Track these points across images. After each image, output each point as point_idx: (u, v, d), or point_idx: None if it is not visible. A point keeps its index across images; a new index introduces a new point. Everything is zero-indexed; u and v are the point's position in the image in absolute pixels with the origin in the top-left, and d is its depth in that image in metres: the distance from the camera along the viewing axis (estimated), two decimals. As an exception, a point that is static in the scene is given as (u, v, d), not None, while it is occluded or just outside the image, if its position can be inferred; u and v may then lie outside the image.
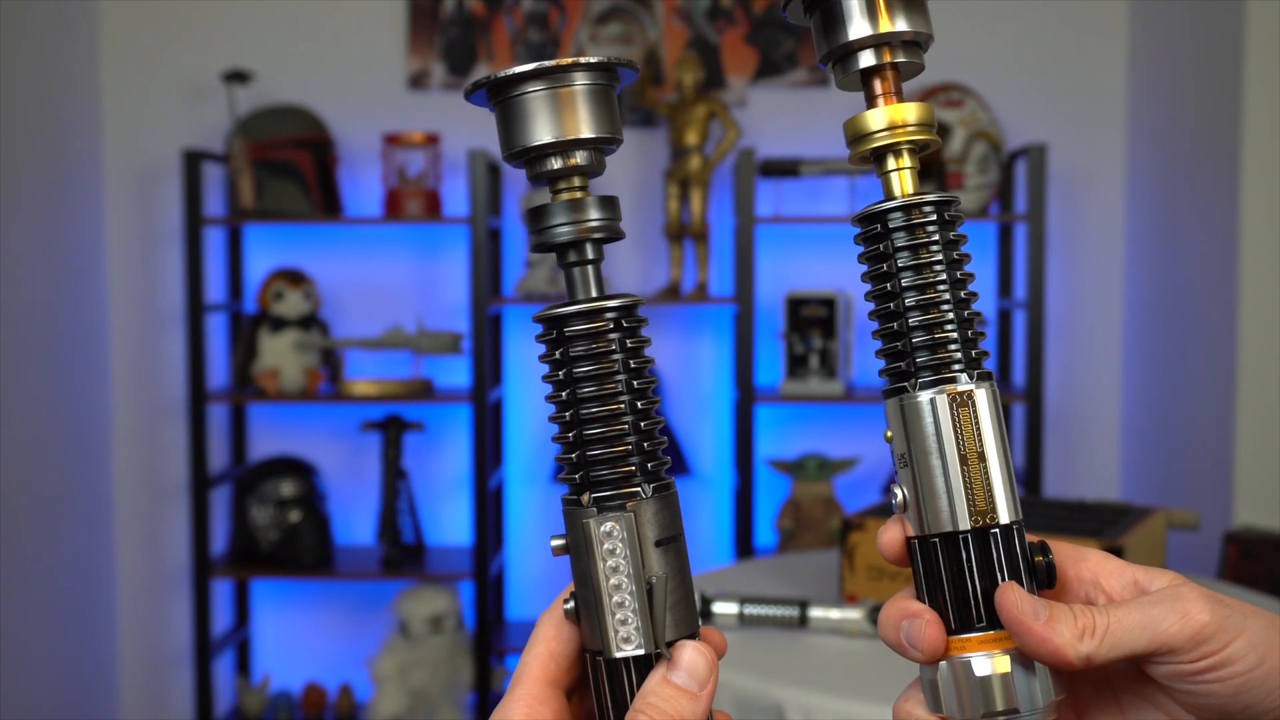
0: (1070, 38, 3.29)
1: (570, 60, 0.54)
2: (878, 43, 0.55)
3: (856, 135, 0.56)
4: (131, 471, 3.35)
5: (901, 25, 0.55)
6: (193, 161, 3.02)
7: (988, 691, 0.53)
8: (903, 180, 0.56)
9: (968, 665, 0.54)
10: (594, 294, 0.55)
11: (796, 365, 3.07)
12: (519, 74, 0.53)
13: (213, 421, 3.25)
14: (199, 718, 3.10)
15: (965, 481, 0.54)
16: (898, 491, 0.55)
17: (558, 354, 0.54)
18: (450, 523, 3.35)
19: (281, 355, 3.10)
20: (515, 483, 3.36)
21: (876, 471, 3.28)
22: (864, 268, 0.57)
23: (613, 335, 0.54)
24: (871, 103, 0.57)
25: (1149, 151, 3.17)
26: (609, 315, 0.54)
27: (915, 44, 0.56)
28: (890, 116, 0.56)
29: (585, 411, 0.53)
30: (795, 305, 3.06)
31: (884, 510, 1.93)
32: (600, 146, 0.55)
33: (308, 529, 3.08)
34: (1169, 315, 3.05)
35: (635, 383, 0.54)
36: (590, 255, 0.55)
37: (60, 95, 3.12)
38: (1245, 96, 2.60)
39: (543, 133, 0.54)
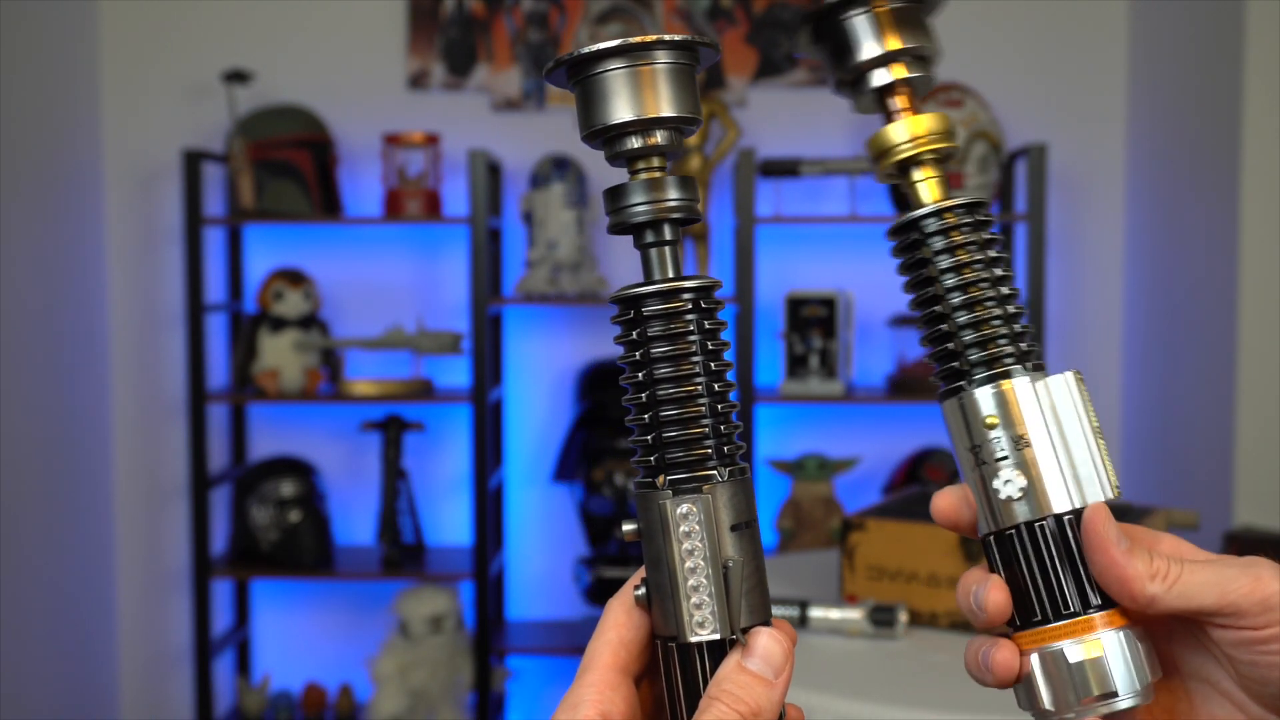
0: (1070, 38, 3.29)
1: (654, 38, 0.53)
2: (888, 60, 0.57)
3: (880, 150, 0.58)
4: (131, 471, 3.35)
5: (909, 42, 0.57)
6: (193, 161, 3.02)
7: (1083, 677, 0.53)
8: (931, 188, 0.58)
9: (1060, 653, 0.53)
10: (671, 274, 0.54)
11: (796, 365, 3.07)
12: (600, 51, 0.53)
13: (213, 421, 3.25)
14: (199, 718, 3.10)
15: (1101, 455, 0.55)
16: (1017, 477, 0.55)
17: (634, 334, 0.53)
18: (450, 523, 3.35)
19: (281, 355, 3.10)
20: (515, 483, 3.36)
21: (876, 471, 3.28)
22: (903, 279, 0.58)
23: (690, 316, 0.53)
24: (890, 119, 0.58)
25: (1149, 151, 3.17)
26: (686, 296, 0.53)
27: (925, 59, 0.58)
28: (911, 129, 0.57)
29: (661, 392, 0.52)
30: (795, 305, 3.06)
31: (884, 510, 1.92)
32: (680, 126, 0.54)
33: (308, 529, 3.08)
34: (1169, 315, 3.05)
35: (712, 364, 0.53)
36: (668, 236, 0.54)
37: (60, 95, 3.12)
38: (1245, 96, 2.60)
39: (623, 111, 0.53)
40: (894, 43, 0.57)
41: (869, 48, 0.57)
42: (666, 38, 0.53)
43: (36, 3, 2.98)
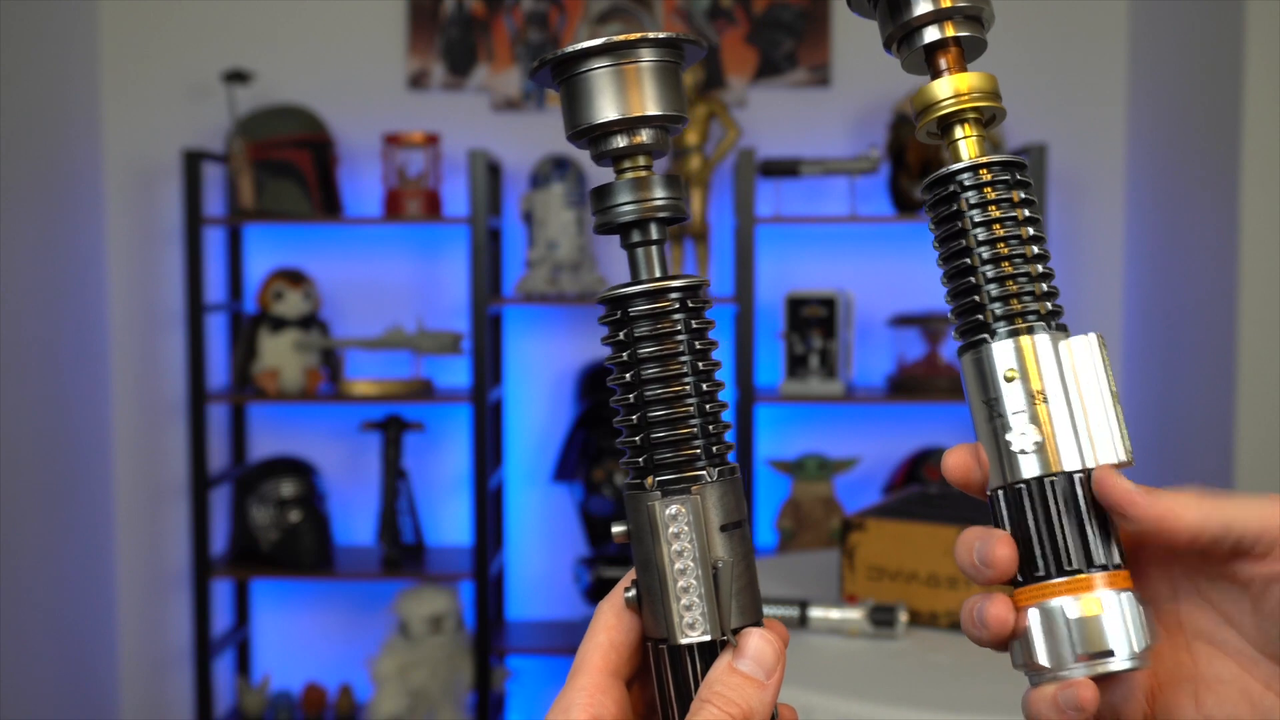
0: (1070, 38, 3.29)
1: (638, 36, 0.53)
2: (940, 17, 0.57)
3: (923, 106, 0.57)
4: (131, 471, 3.35)
5: (962, 0, 0.57)
6: (193, 161, 3.02)
7: (1080, 634, 0.53)
8: (970, 147, 0.58)
9: (1060, 609, 0.53)
10: (657, 274, 0.54)
11: (796, 365, 3.07)
12: (585, 50, 0.52)
13: (213, 421, 3.25)
14: (199, 718, 3.10)
15: (1118, 418, 0.54)
16: (1032, 431, 0.54)
17: (621, 335, 0.53)
18: (450, 523, 3.35)
19: (281, 355, 3.10)
20: (515, 483, 3.36)
21: (876, 471, 3.28)
22: (931, 236, 0.58)
23: (677, 316, 0.53)
24: (936, 76, 0.58)
25: (1149, 151, 3.17)
26: (673, 295, 0.53)
27: (977, 20, 0.58)
28: (955, 85, 0.57)
29: (649, 393, 0.52)
30: (795, 305, 3.06)
31: (884, 510, 1.92)
32: (666, 125, 0.54)
33: (308, 529, 3.08)
34: (1169, 315, 3.05)
35: (700, 364, 0.53)
36: (654, 235, 0.54)
37: (60, 95, 3.12)
38: (1245, 97, 2.60)
39: (608, 110, 0.53)
40: (948, 0, 0.56)
41: (923, 4, 0.57)
42: (651, 35, 0.53)
43: (36, 3, 2.98)
